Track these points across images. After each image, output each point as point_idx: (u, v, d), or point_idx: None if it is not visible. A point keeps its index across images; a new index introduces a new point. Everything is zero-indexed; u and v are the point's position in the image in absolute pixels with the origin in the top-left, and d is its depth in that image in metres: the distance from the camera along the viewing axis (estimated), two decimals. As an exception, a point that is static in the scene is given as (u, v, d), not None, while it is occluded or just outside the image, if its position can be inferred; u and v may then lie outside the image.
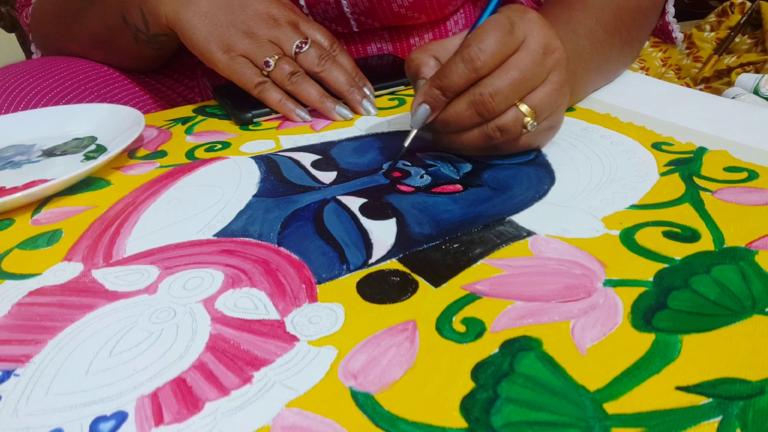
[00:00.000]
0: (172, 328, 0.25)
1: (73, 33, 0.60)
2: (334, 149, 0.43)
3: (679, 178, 0.35)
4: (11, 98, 0.55)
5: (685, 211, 0.31)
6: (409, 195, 0.35)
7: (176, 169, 0.41)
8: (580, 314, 0.24)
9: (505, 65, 0.34)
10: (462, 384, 0.21)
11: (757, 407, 0.19)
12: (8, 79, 0.56)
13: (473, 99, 0.35)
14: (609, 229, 0.30)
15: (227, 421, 0.20)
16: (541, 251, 0.29)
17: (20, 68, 0.59)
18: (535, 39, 0.35)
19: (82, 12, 0.57)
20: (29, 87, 0.56)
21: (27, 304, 0.28)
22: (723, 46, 0.55)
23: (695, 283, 0.26)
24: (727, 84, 0.56)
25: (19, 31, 1.03)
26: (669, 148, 0.39)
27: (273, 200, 0.36)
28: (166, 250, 0.31)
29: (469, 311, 0.25)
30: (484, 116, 0.35)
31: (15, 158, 0.44)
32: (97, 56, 0.62)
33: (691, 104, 0.46)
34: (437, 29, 0.66)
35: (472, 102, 0.35)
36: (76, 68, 0.60)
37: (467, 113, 0.35)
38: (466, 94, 0.35)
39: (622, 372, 0.21)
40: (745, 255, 0.27)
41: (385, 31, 0.64)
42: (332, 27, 0.62)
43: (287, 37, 0.50)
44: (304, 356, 0.23)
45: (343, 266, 0.29)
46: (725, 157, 0.37)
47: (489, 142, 0.36)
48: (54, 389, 0.23)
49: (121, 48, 0.58)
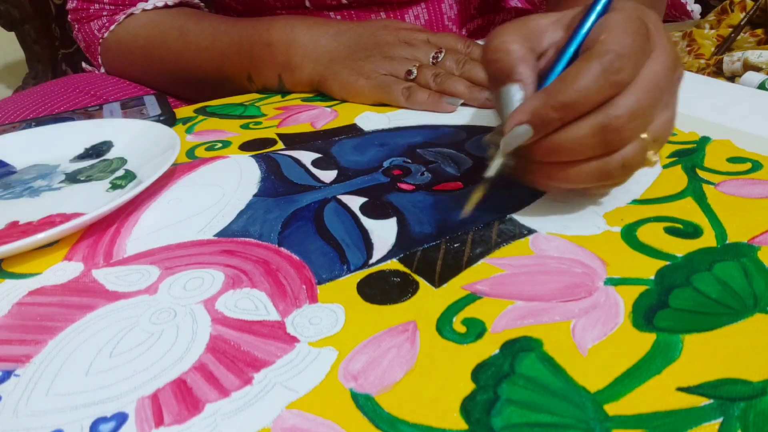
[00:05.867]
0: (172, 329, 0.25)
1: (164, 68, 0.62)
2: (335, 147, 0.43)
3: (682, 170, 0.35)
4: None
5: (688, 205, 0.31)
6: (410, 193, 0.35)
7: (177, 168, 0.41)
8: (580, 314, 0.24)
9: (641, 81, 0.27)
10: (462, 385, 0.21)
11: (758, 408, 0.19)
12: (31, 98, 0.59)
13: (605, 123, 0.26)
14: (610, 226, 0.30)
15: (227, 423, 0.20)
16: (541, 249, 0.29)
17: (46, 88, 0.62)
18: (665, 50, 0.28)
19: (186, 55, 0.59)
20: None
21: (27, 304, 0.28)
22: (725, 44, 0.55)
23: (697, 280, 0.26)
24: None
25: (47, 41, 1.02)
26: (672, 138, 0.39)
27: (273, 200, 0.36)
28: (166, 250, 0.31)
29: (470, 312, 0.25)
30: (612, 146, 0.27)
31: (35, 183, 0.40)
32: (182, 91, 0.65)
33: (696, 90, 0.46)
34: (431, 6, 0.65)
35: (602, 127, 0.26)
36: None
37: (590, 141, 0.27)
38: (591, 115, 0.27)
39: (622, 373, 0.21)
40: (748, 251, 0.27)
41: (380, 7, 0.64)
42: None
43: (422, 52, 0.51)
44: (305, 357, 0.23)
45: (344, 266, 0.29)
46: (728, 147, 0.37)
47: (605, 180, 0.28)
48: (54, 390, 0.23)
49: (218, 89, 0.59)
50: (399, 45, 0.52)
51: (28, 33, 1.01)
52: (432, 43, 0.52)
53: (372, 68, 0.51)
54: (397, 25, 0.54)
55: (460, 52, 0.52)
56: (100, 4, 0.63)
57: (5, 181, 0.41)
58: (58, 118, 0.51)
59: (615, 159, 0.28)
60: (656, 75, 0.27)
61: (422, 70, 0.50)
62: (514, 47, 0.29)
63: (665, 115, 0.29)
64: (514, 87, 0.28)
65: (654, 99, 0.27)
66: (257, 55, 0.55)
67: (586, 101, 0.26)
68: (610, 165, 0.28)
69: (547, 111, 0.26)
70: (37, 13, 1.00)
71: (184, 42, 0.59)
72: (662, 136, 0.29)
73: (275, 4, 0.63)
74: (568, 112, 0.26)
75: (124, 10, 0.63)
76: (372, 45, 0.52)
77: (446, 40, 0.53)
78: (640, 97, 0.27)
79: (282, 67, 0.54)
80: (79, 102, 0.61)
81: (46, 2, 1.02)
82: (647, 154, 0.28)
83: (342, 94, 0.52)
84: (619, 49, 0.26)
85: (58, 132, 0.46)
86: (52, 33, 1.03)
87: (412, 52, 0.51)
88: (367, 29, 0.53)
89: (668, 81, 0.28)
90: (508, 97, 0.28)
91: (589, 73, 0.26)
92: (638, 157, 0.28)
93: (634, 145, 0.28)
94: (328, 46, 0.53)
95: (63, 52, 1.05)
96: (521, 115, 0.27)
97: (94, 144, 0.45)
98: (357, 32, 0.53)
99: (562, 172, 0.28)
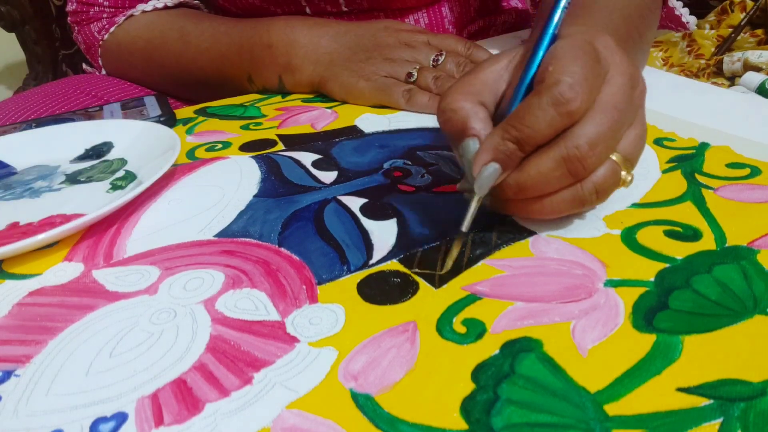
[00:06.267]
0: (172, 329, 0.25)
1: (164, 70, 0.62)
2: (335, 148, 0.43)
3: (681, 175, 0.35)
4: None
5: (687, 209, 0.31)
6: (410, 194, 0.35)
7: (177, 169, 0.41)
8: (581, 315, 0.24)
9: (598, 106, 0.27)
10: (462, 385, 0.21)
11: (758, 409, 0.19)
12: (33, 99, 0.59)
13: (566, 155, 0.26)
14: (610, 229, 0.30)
15: (227, 422, 0.20)
16: (541, 251, 0.29)
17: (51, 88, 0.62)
18: (621, 70, 0.28)
19: (186, 56, 0.60)
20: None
21: (27, 305, 0.28)
22: (725, 44, 0.55)
23: (696, 282, 0.26)
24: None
25: (47, 42, 1.02)
26: (671, 144, 0.39)
27: (274, 200, 0.36)
28: (166, 251, 0.31)
29: (470, 312, 0.25)
30: (579, 176, 0.27)
31: (35, 184, 0.40)
32: (182, 92, 0.65)
33: (695, 97, 0.46)
34: (432, 11, 0.66)
35: (564, 158, 0.26)
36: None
37: (556, 174, 0.27)
38: (552, 147, 0.27)
39: (623, 373, 0.21)
40: (747, 254, 0.27)
41: (381, 13, 0.64)
42: (320, 5, 0.62)
43: (423, 55, 0.51)
44: (305, 357, 0.23)
45: (344, 267, 0.29)
46: (727, 153, 0.37)
47: (580, 207, 0.29)
48: (54, 390, 0.23)
49: (218, 90, 0.59)
50: (399, 47, 0.52)
51: (29, 34, 1.01)
52: (433, 45, 0.52)
53: (372, 70, 0.51)
54: (397, 26, 0.54)
55: (461, 54, 0.52)
56: (100, 6, 0.63)
57: (6, 182, 0.41)
58: (59, 119, 0.51)
59: (586, 186, 0.28)
60: (613, 97, 0.27)
61: (423, 73, 0.50)
62: (461, 105, 0.29)
63: (633, 133, 0.28)
64: (472, 141, 0.28)
65: (614, 122, 0.27)
66: (257, 56, 0.55)
67: (538, 135, 0.26)
68: (583, 192, 0.28)
69: (506, 145, 0.27)
70: (37, 14, 1.00)
71: (184, 43, 0.59)
72: (633, 154, 0.29)
73: (275, 11, 0.63)
74: (525, 146, 0.27)
75: (123, 11, 0.63)
76: (372, 46, 0.52)
77: (447, 42, 0.53)
78: (598, 123, 0.26)
79: (282, 69, 0.54)
80: (79, 103, 0.61)
81: (47, 3, 1.02)
82: (621, 175, 0.28)
83: (342, 95, 0.52)
84: (567, 79, 0.26)
85: (59, 133, 0.46)
86: (52, 34, 1.03)
87: (412, 54, 0.51)
88: (368, 30, 0.53)
89: (628, 100, 0.28)
90: (469, 151, 0.28)
91: (537, 107, 0.26)
92: (610, 179, 0.28)
93: (604, 168, 0.27)
94: (329, 47, 0.53)
95: (63, 53, 1.05)
96: (484, 155, 0.27)
97: (95, 145, 0.45)
98: (357, 33, 0.53)
99: (536, 206, 0.29)
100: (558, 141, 0.27)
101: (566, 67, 0.26)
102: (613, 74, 0.28)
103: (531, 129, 0.26)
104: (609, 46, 0.28)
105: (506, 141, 0.27)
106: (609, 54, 0.28)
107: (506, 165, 0.27)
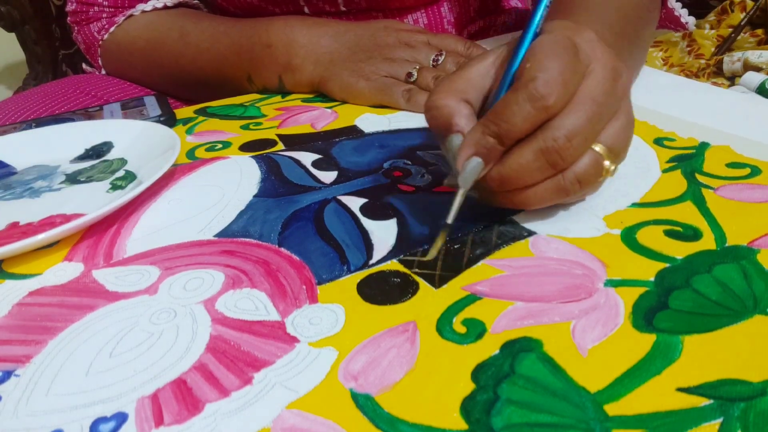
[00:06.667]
0: (172, 329, 0.25)
1: (164, 70, 0.62)
2: (335, 148, 0.43)
3: (681, 174, 0.35)
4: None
5: (687, 209, 0.31)
6: (410, 194, 0.35)
7: (177, 169, 0.41)
8: (580, 315, 0.24)
9: (577, 98, 0.28)
10: (462, 385, 0.21)
11: (758, 409, 0.19)
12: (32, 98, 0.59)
13: (544, 147, 0.27)
14: (610, 228, 0.30)
15: (227, 423, 0.20)
16: (541, 251, 0.29)
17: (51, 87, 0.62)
18: (602, 63, 0.29)
19: (186, 56, 0.60)
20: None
21: (27, 305, 0.28)
22: (725, 44, 0.55)
23: (696, 282, 0.26)
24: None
25: (47, 42, 1.02)
26: (671, 143, 0.39)
27: (274, 200, 0.36)
28: (166, 251, 0.31)
29: (470, 312, 0.25)
30: (558, 166, 0.28)
31: (35, 184, 0.40)
32: (182, 92, 0.65)
33: (695, 96, 0.46)
34: (431, 11, 0.65)
35: (543, 150, 0.27)
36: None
37: (536, 165, 0.28)
38: (531, 140, 0.28)
39: (623, 373, 0.21)
40: (747, 254, 0.27)
41: (379, 13, 0.64)
42: (319, 5, 0.62)
43: (423, 54, 0.51)
44: (305, 357, 0.23)
45: (344, 267, 0.29)
46: (727, 152, 0.37)
47: (564, 197, 0.29)
48: (54, 390, 0.23)
49: (218, 90, 0.59)
50: (399, 46, 0.52)
51: (29, 34, 1.01)
52: (432, 45, 0.52)
53: (372, 70, 0.51)
54: (397, 26, 0.54)
55: (461, 54, 0.52)
56: (99, 6, 0.63)
57: (6, 182, 0.41)
58: (59, 118, 0.51)
59: (568, 176, 0.28)
60: (592, 90, 0.28)
61: (422, 73, 0.50)
62: (445, 102, 0.30)
63: (617, 125, 0.29)
64: (456, 137, 0.29)
65: (593, 114, 0.27)
66: (257, 56, 0.55)
67: (516, 130, 0.27)
68: (565, 182, 0.29)
69: (486, 139, 0.28)
70: (37, 13, 1.00)
71: (183, 43, 0.59)
72: (617, 144, 0.29)
73: (274, 11, 0.63)
74: (504, 140, 0.28)
75: (123, 11, 0.63)
76: (372, 46, 0.52)
77: (447, 42, 0.53)
78: (576, 116, 0.27)
79: (282, 69, 0.54)
80: (79, 103, 0.61)
81: (47, 3, 1.02)
82: (604, 165, 0.29)
83: (342, 95, 0.52)
84: (542, 75, 0.26)
85: (59, 133, 0.46)
86: (52, 34, 1.03)
87: (412, 54, 0.51)
88: (368, 30, 0.53)
89: (609, 92, 0.28)
90: (453, 147, 0.29)
91: (515, 103, 0.27)
92: (592, 169, 0.28)
93: (586, 158, 0.28)
94: (329, 47, 0.53)
95: (63, 52, 1.05)
96: (466, 150, 0.28)
97: (95, 145, 0.44)
98: (357, 33, 0.53)
99: (520, 196, 0.29)
100: (537, 134, 0.28)
101: (542, 64, 0.27)
102: (594, 67, 0.28)
103: (509, 124, 0.27)
104: (590, 40, 0.29)
105: (486, 136, 0.28)
106: (590, 48, 0.29)
107: (488, 159, 0.28)
